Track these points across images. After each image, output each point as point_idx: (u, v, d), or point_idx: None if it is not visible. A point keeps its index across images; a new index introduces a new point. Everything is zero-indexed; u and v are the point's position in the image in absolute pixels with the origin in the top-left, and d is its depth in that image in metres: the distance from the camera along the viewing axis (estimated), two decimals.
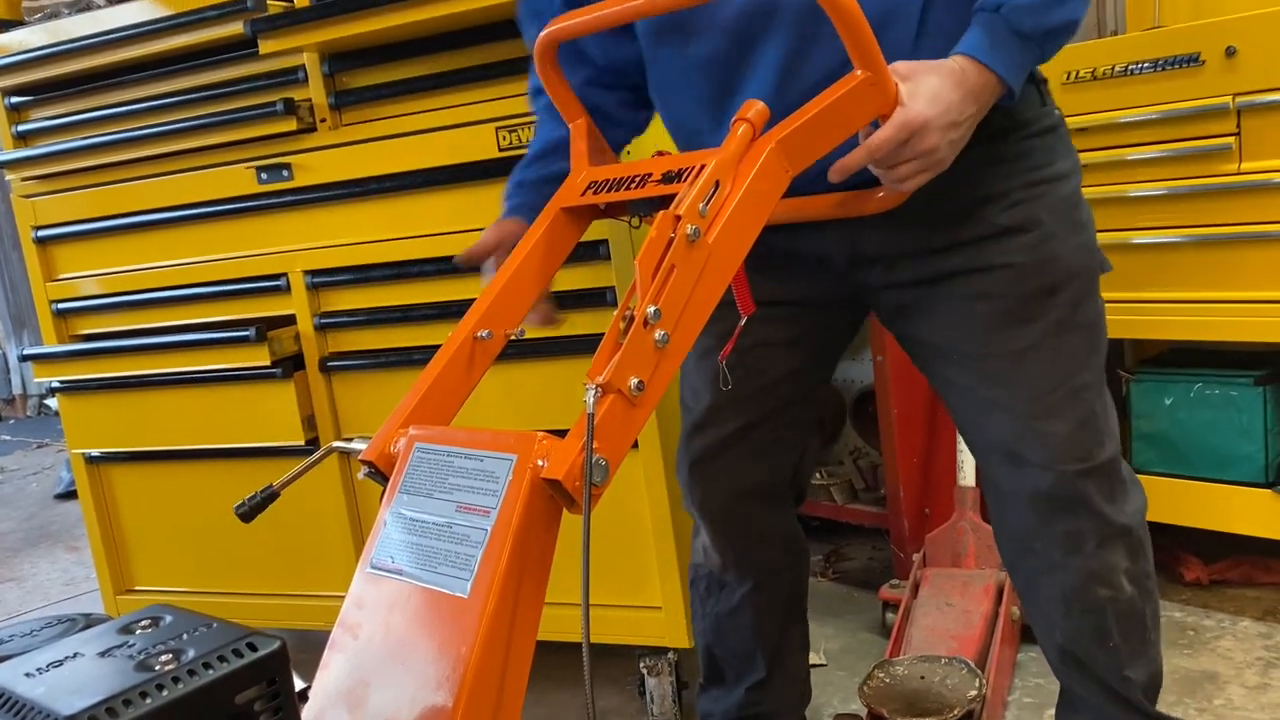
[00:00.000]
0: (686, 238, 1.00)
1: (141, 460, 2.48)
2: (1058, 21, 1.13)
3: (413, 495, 1.03)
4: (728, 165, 1.06)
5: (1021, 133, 1.28)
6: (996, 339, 1.29)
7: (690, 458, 1.50)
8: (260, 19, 1.95)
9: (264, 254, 2.22)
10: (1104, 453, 1.29)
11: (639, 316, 0.98)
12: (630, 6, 1.18)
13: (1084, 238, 1.31)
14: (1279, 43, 1.89)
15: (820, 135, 1.10)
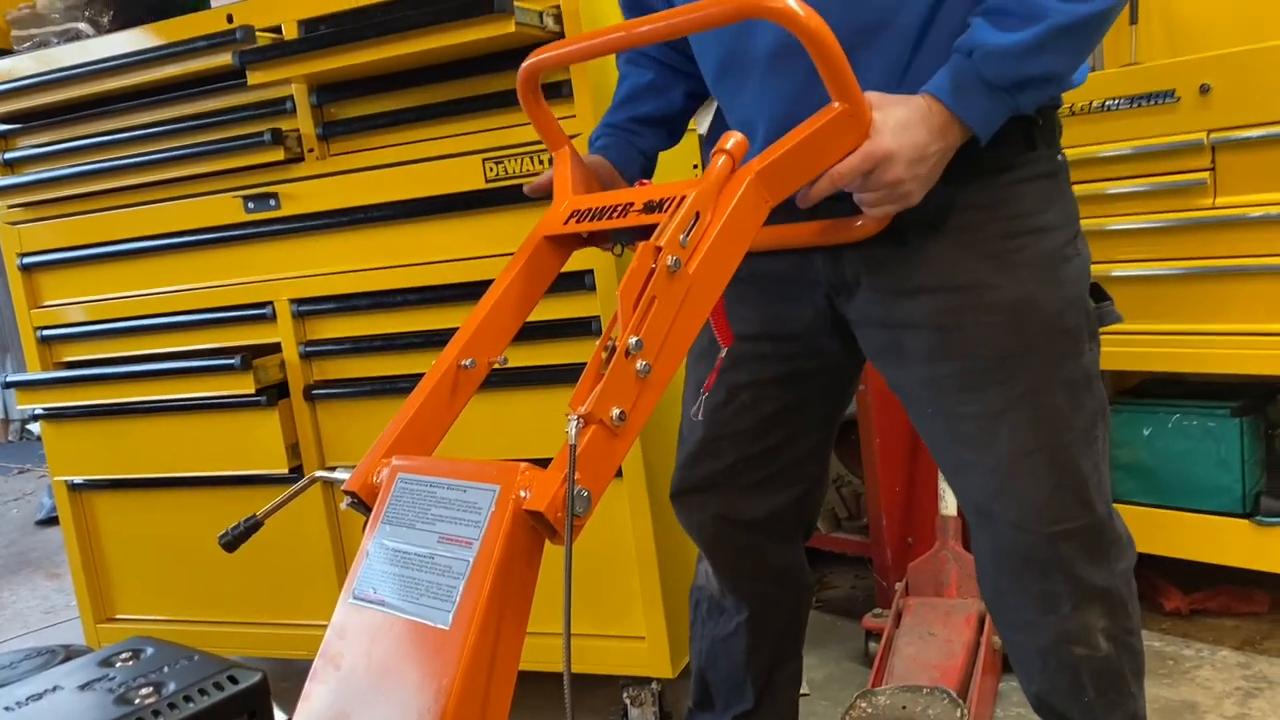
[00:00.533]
0: (667, 268, 1.01)
1: (124, 488, 2.47)
2: (1032, 73, 1.11)
3: (395, 526, 1.03)
4: (708, 196, 1.07)
5: (1007, 176, 1.22)
6: (969, 400, 1.24)
7: (679, 487, 1.51)
8: (249, 50, 1.97)
9: (250, 282, 2.23)
10: (1088, 514, 1.26)
11: (620, 347, 0.99)
12: (612, 39, 1.20)
13: (1068, 295, 1.24)
14: (1252, 81, 1.92)
15: (799, 166, 1.11)
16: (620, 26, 1.19)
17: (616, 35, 1.19)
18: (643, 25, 1.18)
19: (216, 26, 2.07)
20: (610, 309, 1.93)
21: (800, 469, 1.49)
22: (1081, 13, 1.09)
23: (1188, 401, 2.20)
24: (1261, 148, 1.92)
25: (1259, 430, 2.19)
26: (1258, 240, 1.96)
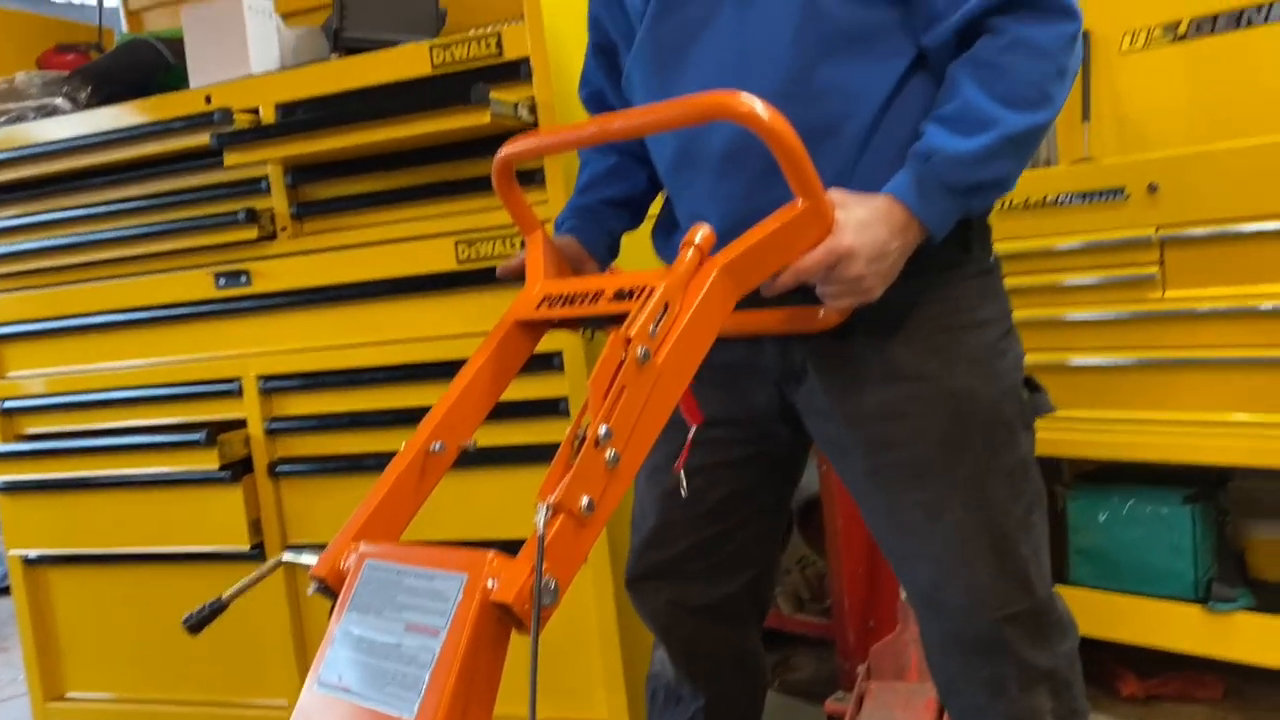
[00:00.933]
0: (637, 359, 1.04)
1: (81, 563, 2.44)
2: (985, 178, 1.17)
3: (362, 613, 1.04)
4: (677, 288, 1.11)
5: (946, 275, 1.28)
6: (912, 489, 1.28)
7: (633, 574, 1.52)
8: (227, 133, 2.01)
9: (218, 358, 2.24)
10: (1030, 599, 1.29)
11: (591, 436, 1.01)
12: (586, 134, 1.25)
13: (1004, 385, 1.29)
14: (1197, 181, 2.00)
15: (764, 260, 1.15)
16: (593, 122, 1.24)
17: (590, 130, 1.24)
18: (615, 121, 1.23)
19: (195, 107, 2.11)
20: (578, 389, 1.95)
21: (753, 552, 1.51)
22: (1029, 123, 1.16)
23: (1142, 488, 2.25)
24: (1207, 245, 2.00)
25: (1210, 517, 2.23)
26: (1206, 333, 2.03)
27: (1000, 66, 1.15)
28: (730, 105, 1.09)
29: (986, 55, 1.16)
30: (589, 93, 1.55)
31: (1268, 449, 1.96)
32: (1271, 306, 1.93)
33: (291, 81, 2.07)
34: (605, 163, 1.52)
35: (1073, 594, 2.24)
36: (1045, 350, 2.23)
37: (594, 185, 1.52)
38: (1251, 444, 1.98)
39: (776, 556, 1.58)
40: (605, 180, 1.51)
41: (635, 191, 1.53)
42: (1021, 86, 1.15)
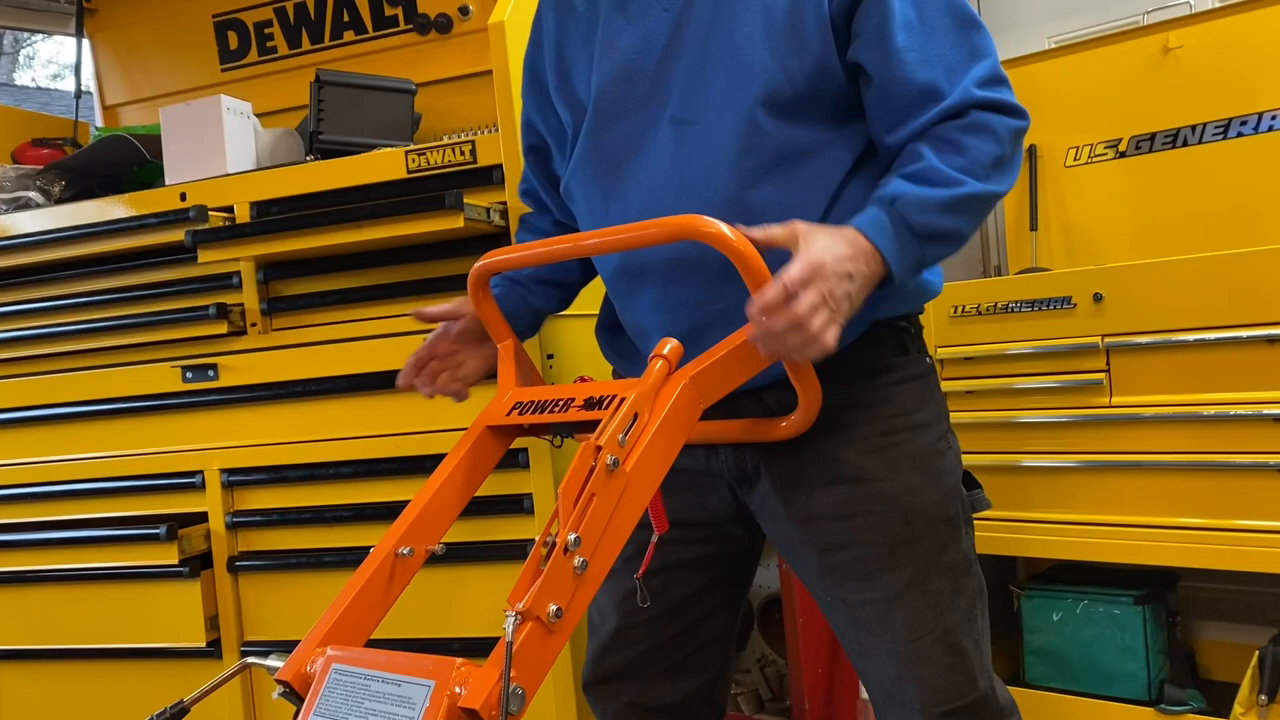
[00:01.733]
0: (606, 467, 1.08)
1: (32, 658, 2.37)
2: (945, 227, 1.20)
3: (328, 718, 1.04)
4: (646, 398, 1.15)
5: (885, 378, 1.34)
6: (863, 586, 1.32)
7: (592, 677, 1.52)
8: (201, 230, 2.04)
9: (181, 451, 2.23)
10: (976, 690, 1.33)
11: (560, 544, 1.04)
12: (559, 249, 1.30)
13: (945, 486, 1.34)
14: (1139, 292, 2.09)
15: (727, 374, 1.21)
16: (568, 239, 1.29)
17: (564, 246, 1.29)
18: (588, 239, 1.28)
19: (170, 204, 2.14)
20: (542, 487, 1.97)
21: (710, 652, 1.53)
22: (985, 189, 1.22)
23: (1095, 588, 2.29)
24: (1150, 353, 2.08)
25: (1161, 617, 2.28)
26: (1151, 438, 2.09)
27: (960, 143, 1.22)
28: (698, 228, 1.15)
29: (946, 134, 1.23)
30: (525, 189, 1.65)
31: (1212, 552, 2.02)
32: (1213, 413, 2.01)
33: (267, 181, 2.11)
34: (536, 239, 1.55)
35: (1029, 695, 2.27)
36: (999, 452, 2.29)
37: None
38: (1197, 547, 2.03)
39: (733, 656, 1.60)
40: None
41: (569, 278, 1.61)
42: (978, 162, 1.22)
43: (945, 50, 1.25)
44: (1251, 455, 1.97)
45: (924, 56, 1.24)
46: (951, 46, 1.26)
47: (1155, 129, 2.49)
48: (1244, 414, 1.97)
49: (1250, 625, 2.34)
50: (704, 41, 1.30)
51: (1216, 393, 2.01)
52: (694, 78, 1.30)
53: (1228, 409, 1.99)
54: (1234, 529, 1.99)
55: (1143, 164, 2.52)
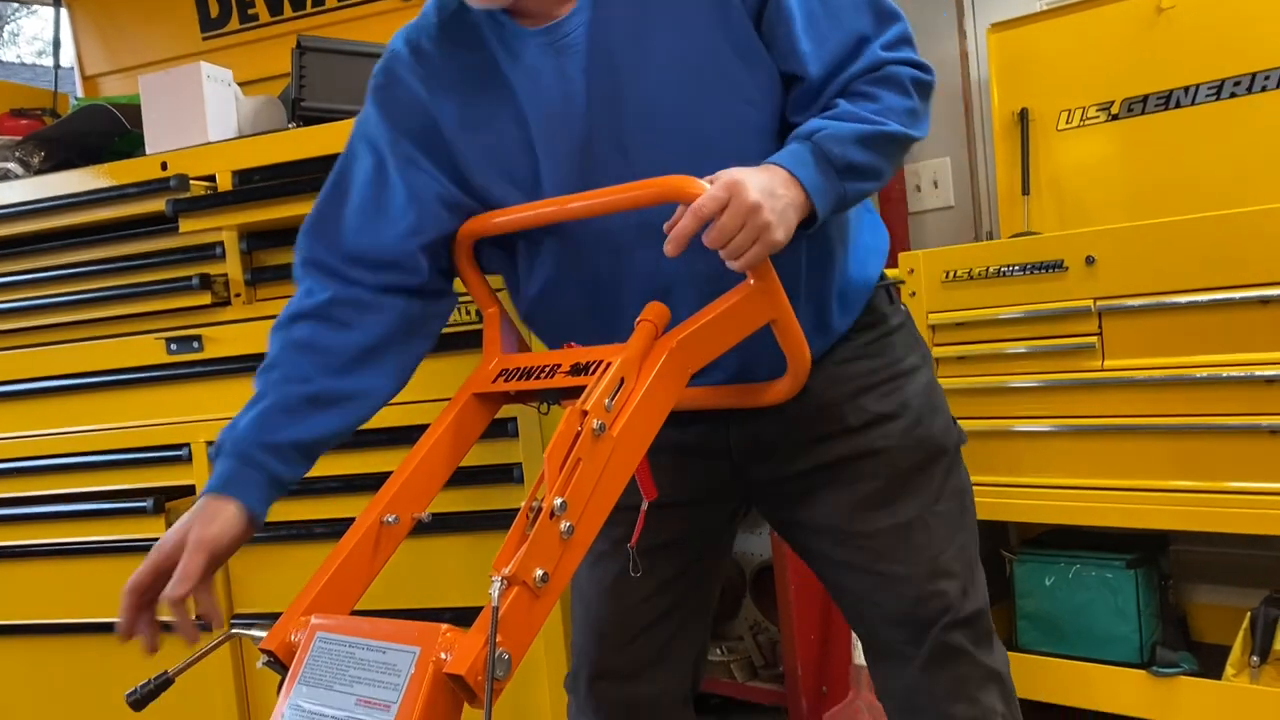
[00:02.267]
0: (593, 432, 1.06)
1: (19, 633, 2.37)
2: (861, 161, 1.20)
3: (312, 687, 1.03)
4: (632, 362, 1.14)
5: (882, 329, 1.42)
6: (882, 516, 1.37)
7: (590, 671, 1.48)
8: (182, 199, 2.01)
9: (167, 423, 2.21)
10: (980, 601, 1.41)
11: (546, 508, 1.02)
12: (543, 212, 1.27)
13: (943, 419, 1.43)
14: (1132, 254, 2.07)
15: (715, 338, 1.19)
16: (551, 202, 1.26)
17: (549, 209, 1.26)
18: (574, 201, 1.25)
19: (151, 174, 2.11)
20: (532, 456, 1.96)
21: (696, 630, 1.53)
22: (900, 130, 1.24)
23: (1086, 553, 2.29)
24: (1143, 315, 2.07)
25: (1153, 581, 2.27)
26: (1143, 401, 2.08)
27: (872, 93, 1.25)
28: (685, 190, 1.13)
29: (859, 87, 1.25)
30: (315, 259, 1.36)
31: (1205, 514, 2.01)
32: (1206, 375, 2.00)
33: (249, 149, 2.09)
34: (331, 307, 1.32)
35: (1021, 660, 2.27)
36: (991, 417, 2.28)
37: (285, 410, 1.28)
38: (1189, 509, 2.03)
39: (709, 632, 1.60)
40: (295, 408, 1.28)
41: (355, 386, 1.32)
42: (892, 109, 1.24)
43: (852, 26, 1.27)
44: (1244, 417, 1.96)
45: (833, 46, 1.25)
46: (858, 19, 1.27)
47: (1148, 90, 2.47)
48: (1237, 375, 1.96)
49: (1242, 588, 2.34)
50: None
51: (1209, 355, 2.00)
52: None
53: (1220, 371, 1.98)
54: (1226, 491, 1.98)
55: (1135, 126, 2.49)
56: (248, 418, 1.27)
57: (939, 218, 2.97)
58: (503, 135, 1.30)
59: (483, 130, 1.31)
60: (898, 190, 2.90)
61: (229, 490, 1.23)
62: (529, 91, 1.28)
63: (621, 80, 1.25)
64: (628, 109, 1.26)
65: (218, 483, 1.23)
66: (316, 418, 1.30)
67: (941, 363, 2.33)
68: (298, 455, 1.29)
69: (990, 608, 1.45)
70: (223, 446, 1.26)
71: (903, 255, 2.39)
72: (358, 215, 1.34)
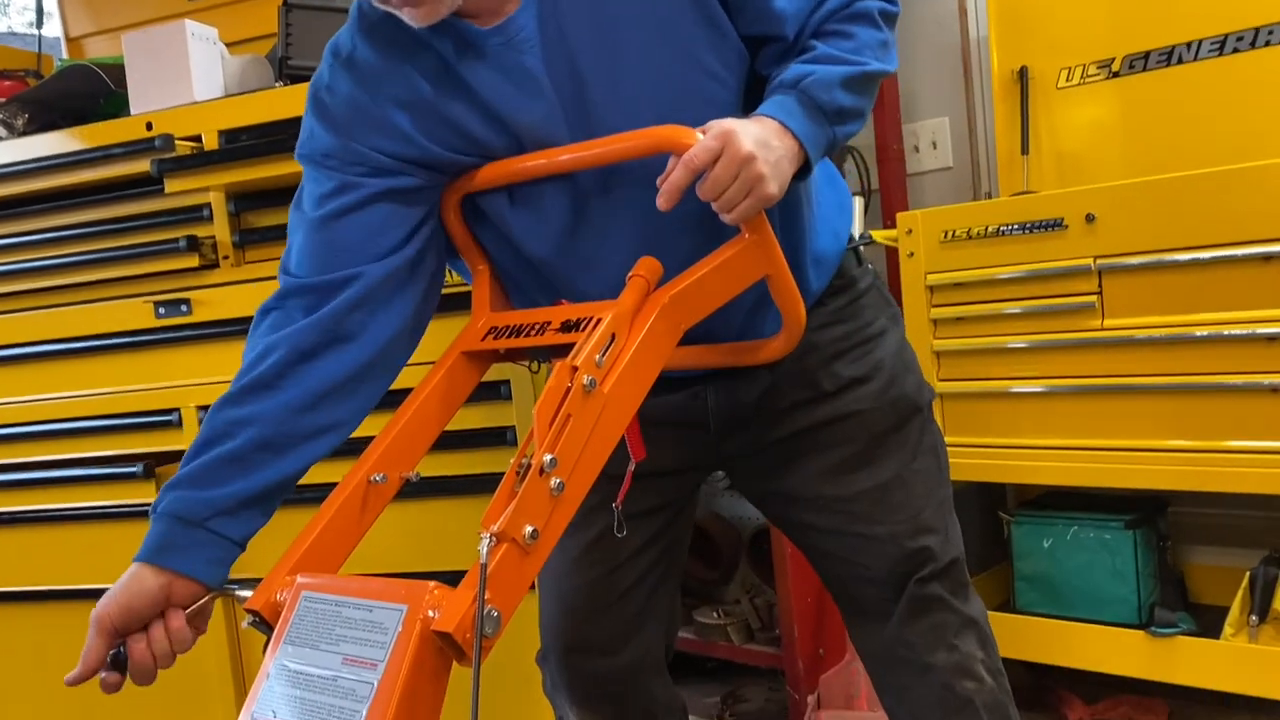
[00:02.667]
0: (583, 387, 1.04)
1: (9, 600, 2.36)
2: (847, 104, 1.20)
3: (298, 646, 1.02)
4: (624, 318, 1.11)
5: (852, 292, 1.42)
6: (861, 478, 1.38)
7: (563, 645, 1.46)
8: (168, 159, 1.98)
9: (156, 388, 2.18)
10: (952, 554, 1.41)
11: (535, 464, 1.00)
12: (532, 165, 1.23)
13: (915, 377, 1.44)
14: (1133, 211, 2.05)
15: (709, 293, 1.17)
16: (541, 155, 1.23)
17: (539, 162, 1.22)
18: (563, 154, 1.22)
19: (136, 134, 2.08)
20: (525, 418, 1.94)
21: (665, 598, 1.52)
22: (882, 67, 1.24)
23: (1084, 514, 2.28)
24: (1143, 274, 2.04)
25: (1151, 542, 2.26)
26: (1143, 360, 2.06)
27: (846, 31, 1.24)
28: (679, 140, 1.11)
29: (832, 26, 1.24)
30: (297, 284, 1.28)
31: (1205, 474, 2.00)
32: (1207, 333, 1.98)
33: (235, 108, 2.05)
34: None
35: (1019, 621, 2.27)
36: (988, 379, 2.26)
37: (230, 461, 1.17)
38: (1188, 469, 2.01)
39: (679, 599, 1.59)
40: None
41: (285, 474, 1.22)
42: (866, 45, 1.24)
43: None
44: (1246, 375, 1.94)
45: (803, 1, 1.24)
46: None
47: (1149, 47, 2.43)
48: (1238, 334, 1.94)
49: (1240, 549, 2.34)
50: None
51: (1210, 313, 1.98)
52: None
53: (1222, 329, 1.96)
54: (1227, 450, 1.97)
55: (1136, 84, 2.45)
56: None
57: (937, 179, 2.93)
58: (470, 133, 1.25)
59: (446, 131, 1.25)
60: (896, 151, 2.86)
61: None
62: (497, 91, 1.22)
63: (581, 69, 1.21)
64: (592, 96, 1.22)
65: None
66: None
67: (939, 324, 2.30)
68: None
69: (988, 569, 1.45)
70: None
71: (901, 215, 2.36)
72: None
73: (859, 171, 2.83)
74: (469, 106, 1.24)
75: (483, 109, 1.24)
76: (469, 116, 1.24)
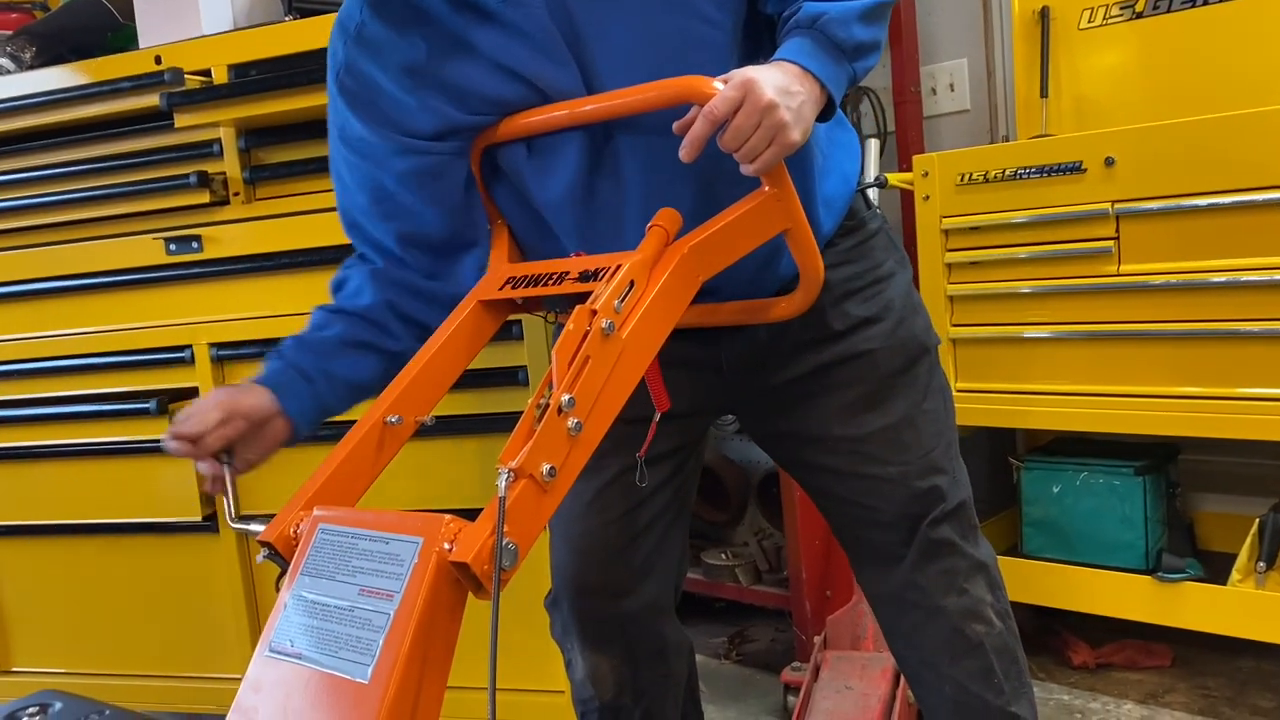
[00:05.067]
0: (601, 331, 1.04)
1: (26, 534, 2.38)
2: (866, 38, 1.19)
3: (315, 577, 1.02)
4: (642, 266, 1.11)
5: (861, 234, 1.42)
6: (871, 418, 1.38)
7: (574, 588, 1.46)
8: (177, 93, 1.96)
9: (168, 325, 2.19)
10: (961, 496, 1.42)
11: (553, 404, 1.00)
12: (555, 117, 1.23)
13: (924, 319, 1.45)
14: (1153, 155, 2.02)
15: (728, 245, 1.17)
16: (562, 105, 1.23)
17: (561, 113, 1.23)
18: (586, 104, 1.22)
19: (144, 68, 2.05)
20: (537, 359, 1.94)
21: (675, 540, 1.52)
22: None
23: (1094, 460, 2.28)
24: (1162, 219, 2.02)
25: (1160, 488, 2.27)
26: (1158, 306, 2.05)
27: None
28: (700, 90, 1.11)
29: None
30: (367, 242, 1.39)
31: (1217, 421, 1.99)
32: (1224, 279, 1.96)
33: (244, 42, 2.02)
34: (359, 302, 1.37)
35: (1026, 565, 2.28)
36: (1001, 324, 2.25)
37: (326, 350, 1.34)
38: (1201, 416, 2.01)
39: (687, 540, 1.59)
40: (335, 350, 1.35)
41: (392, 344, 1.36)
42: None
43: None
44: (1262, 322, 1.92)
45: None
46: None
47: None
48: (1256, 279, 1.92)
49: (1250, 497, 2.34)
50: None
51: (1229, 259, 1.96)
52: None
53: (1239, 275, 1.94)
54: (1240, 397, 1.96)
55: (1160, 25, 2.40)
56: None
57: (954, 122, 2.89)
58: (486, 94, 1.26)
59: (464, 92, 1.26)
60: (913, 93, 2.82)
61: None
62: (506, 50, 1.23)
63: (576, 21, 1.21)
64: (592, 48, 1.22)
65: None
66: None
67: (954, 268, 2.29)
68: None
69: (996, 514, 1.45)
70: None
71: (917, 158, 2.33)
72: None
73: (875, 113, 2.79)
74: (483, 68, 1.24)
75: (495, 67, 1.24)
76: (484, 77, 1.25)
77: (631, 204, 1.26)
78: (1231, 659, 2.31)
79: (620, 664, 1.50)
